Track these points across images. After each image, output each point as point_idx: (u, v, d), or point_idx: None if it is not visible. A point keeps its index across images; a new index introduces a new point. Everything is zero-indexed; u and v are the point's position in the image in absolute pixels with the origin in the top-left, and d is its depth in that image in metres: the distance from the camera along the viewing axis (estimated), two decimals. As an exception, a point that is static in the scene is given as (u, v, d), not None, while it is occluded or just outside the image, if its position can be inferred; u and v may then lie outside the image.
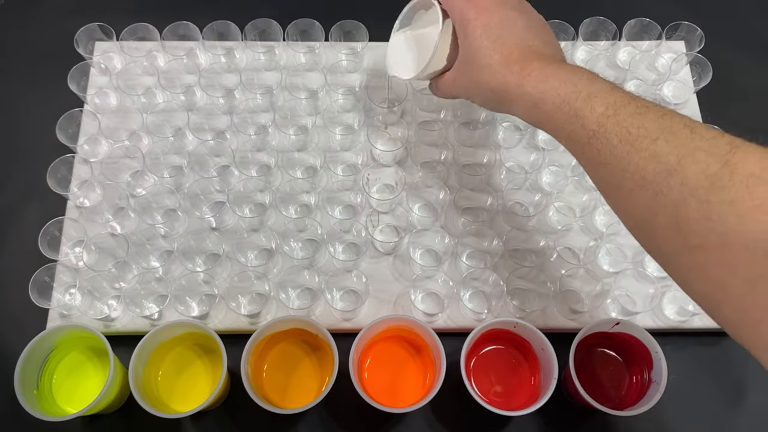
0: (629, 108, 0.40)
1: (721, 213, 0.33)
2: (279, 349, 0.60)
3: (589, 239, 0.65)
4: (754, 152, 0.34)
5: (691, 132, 0.37)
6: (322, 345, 0.57)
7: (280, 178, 0.67)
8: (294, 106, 0.70)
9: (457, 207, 0.65)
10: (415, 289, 0.63)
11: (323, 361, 0.59)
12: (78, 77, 0.70)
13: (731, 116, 0.71)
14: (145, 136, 0.69)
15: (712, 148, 0.35)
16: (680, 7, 0.79)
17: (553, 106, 0.44)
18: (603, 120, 0.40)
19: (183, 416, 0.52)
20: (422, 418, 0.60)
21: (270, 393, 0.58)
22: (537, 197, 0.67)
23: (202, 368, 0.59)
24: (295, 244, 0.65)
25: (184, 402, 0.57)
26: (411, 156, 0.68)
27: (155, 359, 0.57)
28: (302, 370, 0.59)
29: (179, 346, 0.59)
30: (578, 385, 0.53)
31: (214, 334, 0.54)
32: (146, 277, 0.62)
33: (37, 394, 0.54)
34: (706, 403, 0.61)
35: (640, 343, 0.56)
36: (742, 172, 0.33)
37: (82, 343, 0.58)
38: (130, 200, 0.65)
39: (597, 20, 0.73)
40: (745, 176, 0.33)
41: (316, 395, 0.53)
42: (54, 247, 0.63)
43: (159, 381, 0.58)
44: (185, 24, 0.72)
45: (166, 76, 0.72)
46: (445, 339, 0.55)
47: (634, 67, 0.73)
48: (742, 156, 0.34)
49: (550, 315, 0.62)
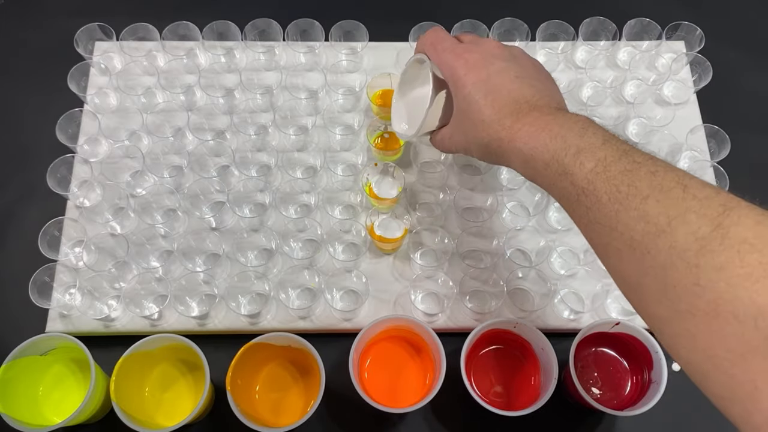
0: (620, 164, 0.38)
1: (710, 279, 0.32)
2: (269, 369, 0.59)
3: (589, 239, 0.65)
4: (747, 215, 0.32)
5: (683, 191, 0.35)
6: (311, 363, 0.56)
7: (280, 178, 0.67)
8: (294, 106, 0.70)
9: (457, 207, 0.65)
10: (415, 289, 0.63)
11: (309, 382, 0.58)
12: (78, 77, 0.70)
13: (731, 116, 0.71)
14: (145, 136, 0.69)
15: (704, 209, 0.33)
16: (680, 7, 0.79)
17: (542, 162, 0.43)
18: (592, 177, 0.39)
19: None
20: (422, 418, 0.60)
21: (262, 412, 0.58)
22: (537, 197, 0.67)
23: (191, 381, 0.59)
24: (295, 244, 0.65)
25: (171, 416, 0.57)
26: (411, 156, 0.68)
27: (141, 373, 0.57)
28: (294, 388, 0.59)
29: (165, 361, 0.59)
30: (578, 385, 0.53)
31: (197, 348, 0.54)
32: (146, 277, 0.62)
33: None
34: (706, 403, 0.60)
35: (640, 343, 0.56)
36: (734, 236, 0.32)
37: (70, 353, 0.57)
38: (130, 200, 0.65)
39: (597, 20, 0.73)
40: (737, 241, 0.31)
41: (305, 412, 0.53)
42: (54, 247, 0.63)
43: (146, 395, 0.58)
44: (185, 24, 0.72)
45: (166, 76, 0.72)
46: (445, 339, 0.55)
47: (634, 67, 0.73)
48: (735, 219, 0.32)
49: (550, 315, 0.62)
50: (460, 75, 0.49)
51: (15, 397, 0.53)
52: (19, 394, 0.54)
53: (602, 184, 0.38)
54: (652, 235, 0.35)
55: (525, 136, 0.44)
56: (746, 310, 0.30)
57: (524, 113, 0.46)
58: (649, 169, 0.37)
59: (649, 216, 0.35)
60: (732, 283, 0.31)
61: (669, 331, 0.35)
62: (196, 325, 0.61)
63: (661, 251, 0.34)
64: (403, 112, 0.60)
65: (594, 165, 0.39)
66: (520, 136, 0.44)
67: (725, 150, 0.67)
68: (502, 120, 0.46)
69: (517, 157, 0.45)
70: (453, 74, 0.50)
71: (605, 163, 0.39)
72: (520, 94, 0.47)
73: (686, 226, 0.33)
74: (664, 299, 0.35)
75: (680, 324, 0.34)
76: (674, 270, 0.33)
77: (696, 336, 0.33)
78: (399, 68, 0.72)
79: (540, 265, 0.63)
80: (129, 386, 0.55)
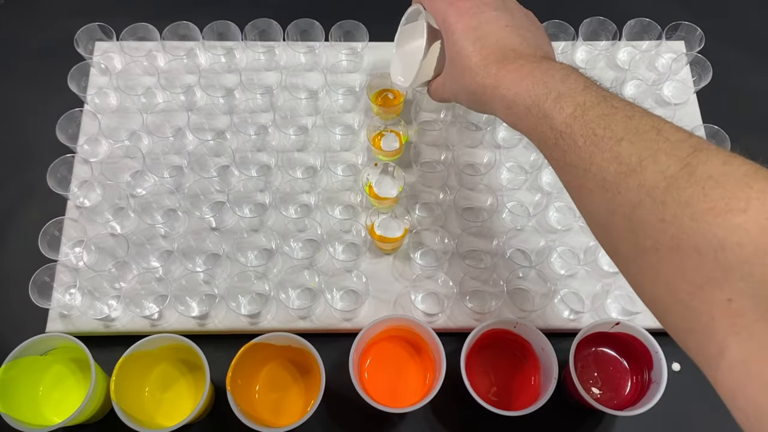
0: (598, 109, 0.39)
1: (675, 214, 0.32)
2: (269, 369, 0.59)
3: (589, 239, 0.65)
4: (716, 155, 0.33)
5: (657, 134, 0.36)
6: (311, 363, 0.56)
7: (280, 178, 0.67)
8: (294, 106, 0.70)
9: (457, 207, 0.65)
10: (415, 289, 0.63)
11: (309, 382, 0.58)
12: (78, 77, 0.70)
13: (731, 116, 0.71)
14: (145, 136, 0.69)
15: (674, 150, 0.34)
16: (680, 7, 0.79)
17: (524, 107, 0.43)
18: (570, 121, 0.40)
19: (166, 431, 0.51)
20: (422, 418, 0.60)
21: (262, 412, 0.58)
22: (537, 197, 0.67)
23: (191, 381, 0.59)
24: (295, 244, 0.65)
25: (171, 416, 0.57)
26: (411, 156, 0.68)
27: (141, 373, 0.57)
28: (294, 388, 0.59)
29: (165, 361, 0.59)
30: (578, 385, 0.53)
31: (197, 348, 0.54)
32: (146, 277, 0.62)
33: None
34: (705, 403, 0.60)
35: (640, 343, 0.56)
36: (701, 174, 0.32)
37: (71, 353, 0.57)
38: (130, 200, 0.65)
39: (597, 20, 0.73)
40: (702, 178, 0.32)
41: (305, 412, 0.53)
42: (54, 247, 0.63)
43: (146, 395, 0.58)
44: (185, 24, 0.72)
45: (166, 76, 0.72)
46: (445, 339, 0.55)
47: (634, 67, 0.73)
48: (704, 158, 0.33)
49: (550, 315, 0.62)
50: (451, 22, 0.50)
51: (15, 397, 0.53)
52: (20, 394, 0.54)
53: (579, 127, 0.39)
54: (623, 174, 0.36)
55: (509, 83, 0.45)
56: (707, 243, 0.31)
57: (510, 61, 0.46)
58: (626, 113, 0.38)
59: (621, 157, 0.36)
60: (695, 217, 0.32)
61: (635, 269, 0.36)
62: (196, 325, 0.62)
63: (631, 189, 0.35)
64: (400, 64, 0.61)
65: (573, 109, 0.40)
66: (504, 82, 0.45)
67: (725, 150, 0.67)
68: (488, 67, 0.47)
69: (500, 103, 0.46)
70: (444, 21, 0.51)
71: (584, 108, 0.39)
72: (508, 43, 0.48)
73: (656, 165, 0.34)
74: (631, 236, 0.35)
75: (645, 260, 0.35)
76: (642, 207, 0.34)
77: (659, 270, 0.34)
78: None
79: (540, 265, 0.63)
80: (129, 386, 0.55)
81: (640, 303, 0.62)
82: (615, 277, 0.62)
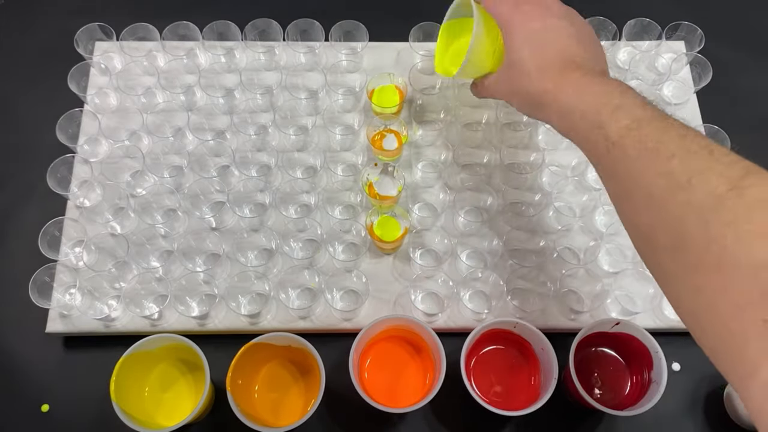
0: (653, 125, 0.40)
1: (719, 234, 0.33)
2: (269, 369, 0.59)
3: (589, 239, 0.65)
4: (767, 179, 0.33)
5: (709, 154, 0.36)
6: (311, 363, 0.56)
7: (280, 178, 0.67)
8: (294, 106, 0.70)
9: (456, 206, 0.65)
10: (415, 289, 0.63)
11: (309, 382, 0.58)
12: (78, 77, 0.70)
13: (731, 116, 0.71)
14: (145, 136, 0.69)
15: (725, 171, 0.35)
16: (680, 7, 0.79)
17: (580, 115, 0.44)
18: (625, 132, 0.40)
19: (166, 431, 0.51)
20: (422, 418, 0.60)
21: (262, 411, 0.58)
22: (537, 197, 0.67)
23: (191, 381, 0.59)
24: (295, 244, 0.65)
25: (171, 416, 0.57)
26: (411, 157, 0.68)
27: (141, 373, 0.57)
28: (294, 388, 0.59)
29: (165, 361, 0.59)
30: (578, 385, 0.53)
31: (197, 348, 0.54)
32: (146, 277, 0.62)
33: None
34: (705, 403, 0.61)
35: (640, 343, 0.56)
36: (749, 196, 0.33)
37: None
38: (130, 200, 0.65)
39: (597, 20, 0.73)
40: (751, 200, 0.32)
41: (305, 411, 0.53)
42: (54, 247, 0.63)
43: (146, 395, 0.58)
44: (185, 24, 0.72)
45: (166, 76, 0.72)
46: (445, 339, 0.55)
47: (634, 67, 0.73)
48: (754, 181, 0.33)
49: (550, 315, 0.62)
50: (515, 25, 0.51)
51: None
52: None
53: (633, 140, 0.40)
54: (672, 190, 0.36)
55: (568, 91, 0.46)
56: (749, 264, 0.31)
57: (570, 70, 0.48)
58: (680, 132, 0.39)
59: (672, 173, 0.37)
60: (739, 237, 0.32)
61: (678, 284, 0.37)
62: (196, 325, 0.61)
63: (678, 206, 0.36)
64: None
65: (629, 122, 0.41)
66: (564, 89, 0.47)
67: (725, 150, 0.67)
68: (548, 74, 0.48)
69: (556, 110, 0.47)
70: (508, 23, 0.52)
71: (639, 122, 0.40)
72: (570, 53, 0.49)
73: (705, 185, 0.35)
74: (675, 253, 0.36)
75: (687, 277, 0.35)
76: (687, 224, 0.35)
77: (701, 289, 0.34)
78: (399, 68, 0.72)
79: (540, 265, 0.63)
80: (129, 386, 0.55)
81: (640, 303, 0.62)
82: (615, 277, 0.62)
